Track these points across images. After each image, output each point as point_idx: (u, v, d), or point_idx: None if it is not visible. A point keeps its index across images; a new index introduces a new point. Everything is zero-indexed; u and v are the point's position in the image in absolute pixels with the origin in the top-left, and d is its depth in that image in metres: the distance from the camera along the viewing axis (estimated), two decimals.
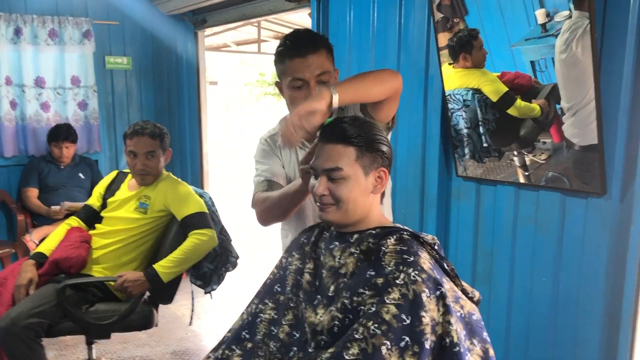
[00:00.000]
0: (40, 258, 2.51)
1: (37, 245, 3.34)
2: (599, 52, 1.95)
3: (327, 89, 1.44)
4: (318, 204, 1.37)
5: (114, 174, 2.84)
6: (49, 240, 2.63)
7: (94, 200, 2.77)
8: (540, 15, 2.11)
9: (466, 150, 2.48)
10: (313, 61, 1.62)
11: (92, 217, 2.73)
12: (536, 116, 2.19)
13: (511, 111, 2.27)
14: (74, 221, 2.72)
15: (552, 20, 2.07)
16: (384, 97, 1.61)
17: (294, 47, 1.64)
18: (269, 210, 1.72)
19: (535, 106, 2.19)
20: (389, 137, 1.71)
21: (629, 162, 1.95)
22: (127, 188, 2.69)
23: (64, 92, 4.32)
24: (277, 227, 1.92)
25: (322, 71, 1.63)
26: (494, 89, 2.31)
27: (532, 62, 2.18)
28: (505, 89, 2.28)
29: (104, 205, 2.72)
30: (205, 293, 2.84)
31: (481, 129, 2.38)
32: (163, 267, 2.44)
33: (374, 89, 1.58)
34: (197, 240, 2.49)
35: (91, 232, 2.66)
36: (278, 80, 1.74)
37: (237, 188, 10.27)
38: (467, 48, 2.37)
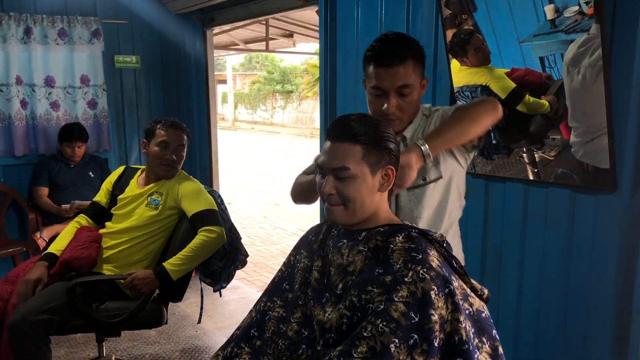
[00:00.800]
0: (50, 259, 2.53)
1: (47, 243, 3.37)
2: (609, 46, 1.94)
3: (418, 147, 1.52)
4: (325, 203, 1.37)
5: (121, 169, 2.85)
6: (59, 240, 2.64)
7: (101, 197, 2.78)
8: (549, 11, 2.09)
9: None
10: (396, 73, 1.62)
11: (99, 214, 2.75)
12: (545, 112, 2.18)
13: (520, 107, 2.25)
14: (82, 219, 2.73)
15: (561, 16, 2.05)
16: (483, 134, 1.64)
17: (380, 55, 1.63)
18: (296, 190, 1.80)
19: (544, 102, 2.18)
20: (471, 155, 1.78)
21: None
22: (137, 185, 2.70)
23: (73, 91, 4.34)
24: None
25: (403, 84, 1.63)
26: (501, 86, 2.30)
27: (541, 58, 2.16)
28: (513, 85, 2.26)
29: (113, 202, 2.73)
30: (215, 291, 2.85)
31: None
32: (172, 264, 2.45)
33: (470, 132, 1.62)
34: (205, 237, 2.50)
35: (102, 231, 2.67)
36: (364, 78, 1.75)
37: (244, 187, 10.31)
38: (462, 52, 2.38)
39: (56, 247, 2.59)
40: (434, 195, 1.74)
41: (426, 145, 1.53)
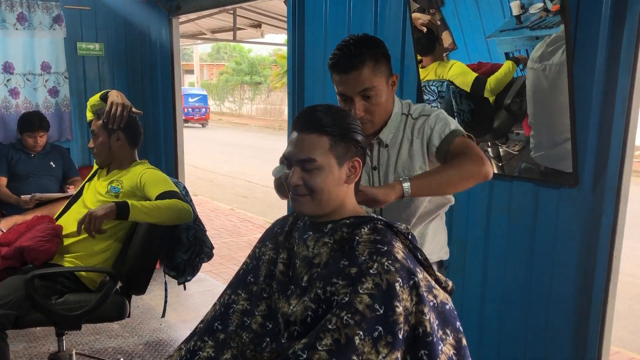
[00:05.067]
0: None
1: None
2: (572, 43, 1.97)
3: (400, 185, 1.51)
4: (291, 194, 1.36)
5: (95, 167, 2.80)
6: None
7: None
8: (515, 7, 2.12)
9: None
10: (355, 78, 1.63)
11: None
12: (511, 72, 2.19)
13: (487, 95, 2.27)
14: None
15: (526, 12, 2.08)
16: (471, 185, 1.63)
17: (338, 62, 1.65)
18: (274, 185, 1.79)
19: (506, 66, 2.19)
20: None
21: (601, 153, 1.98)
22: (100, 175, 2.67)
23: (34, 78, 4.22)
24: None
25: (364, 87, 1.64)
26: (463, 80, 2.32)
27: (507, 54, 2.19)
28: (474, 75, 2.29)
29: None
30: (179, 284, 2.81)
31: (456, 120, 2.39)
32: (136, 204, 2.31)
33: (456, 186, 1.61)
34: (178, 202, 2.38)
35: (61, 220, 2.61)
36: None
37: (211, 179, 10.23)
38: (430, 51, 2.41)
39: None
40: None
41: (409, 184, 1.52)
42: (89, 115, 2.73)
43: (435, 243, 1.83)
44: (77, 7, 4.37)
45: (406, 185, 1.51)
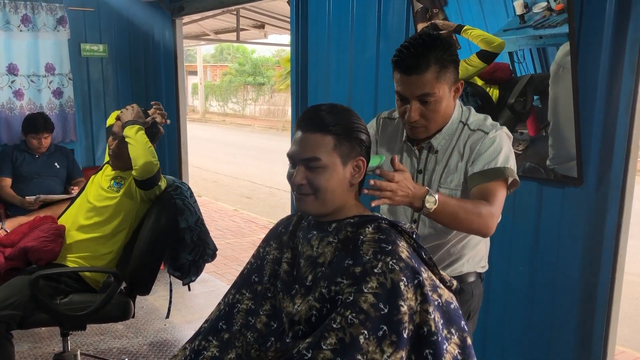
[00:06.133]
0: None
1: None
2: (577, 42, 1.97)
3: (425, 192, 1.41)
4: (295, 193, 1.36)
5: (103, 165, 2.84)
6: None
7: None
8: (518, 6, 2.11)
9: None
10: (416, 81, 1.55)
11: None
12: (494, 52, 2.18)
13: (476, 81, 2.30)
14: None
15: (530, 12, 2.08)
16: (467, 232, 1.60)
17: (402, 61, 1.57)
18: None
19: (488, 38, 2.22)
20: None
21: (605, 152, 1.97)
22: (105, 171, 2.69)
23: (38, 79, 4.23)
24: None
25: (424, 92, 1.56)
26: (469, 74, 2.33)
27: (510, 53, 2.19)
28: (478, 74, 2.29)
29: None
30: (184, 284, 2.82)
31: None
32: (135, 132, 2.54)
33: (462, 225, 1.53)
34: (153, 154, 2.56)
35: (64, 215, 2.64)
36: None
37: (214, 179, 10.24)
38: None
39: None
40: None
41: (434, 201, 1.42)
42: (110, 121, 2.75)
43: (475, 252, 1.76)
44: (80, 9, 4.38)
45: (430, 201, 1.42)
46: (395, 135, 1.79)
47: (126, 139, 2.53)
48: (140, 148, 2.51)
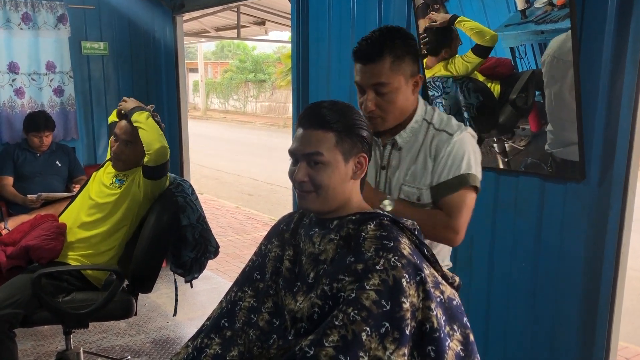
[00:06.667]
0: None
1: None
2: (579, 33, 1.96)
3: (383, 197, 1.60)
4: (297, 190, 1.36)
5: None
6: None
7: None
8: (519, 1, 2.11)
9: None
10: (371, 70, 1.58)
11: None
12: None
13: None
14: None
15: (531, 7, 2.07)
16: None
17: (359, 51, 1.61)
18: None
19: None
20: None
21: (608, 147, 1.97)
22: (107, 169, 2.70)
23: (39, 77, 4.22)
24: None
25: (378, 82, 1.58)
26: (469, 70, 2.32)
27: (512, 49, 2.18)
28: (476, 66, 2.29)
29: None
30: (186, 282, 2.82)
31: (465, 115, 2.38)
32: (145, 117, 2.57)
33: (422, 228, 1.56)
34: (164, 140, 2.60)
35: (66, 211, 2.64)
36: None
37: (216, 177, 10.24)
38: (447, 44, 2.38)
39: None
40: None
41: (391, 202, 1.58)
42: (112, 118, 2.75)
43: (436, 252, 1.76)
44: (81, 7, 4.37)
45: (389, 200, 1.58)
46: None
47: (136, 124, 2.53)
48: (153, 132, 2.53)
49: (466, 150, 1.63)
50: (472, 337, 1.29)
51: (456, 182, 1.61)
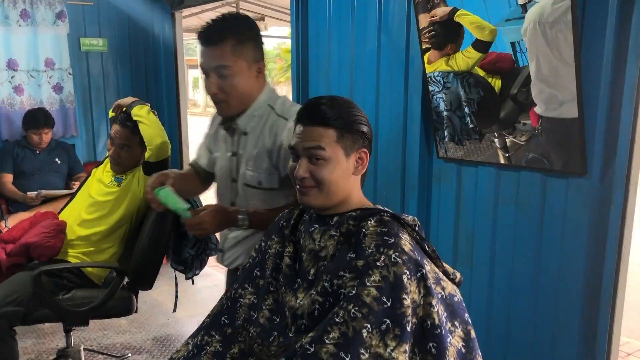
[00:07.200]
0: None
1: None
2: (580, 26, 1.94)
3: (237, 217, 1.65)
4: (298, 186, 1.35)
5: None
6: None
7: None
8: None
9: (446, 133, 2.47)
10: (213, 53, 1.62)
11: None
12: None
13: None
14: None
15: (532, 1, 2.05)
16: None
17: (201, 34, 1.64)
18: None
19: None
20: None
21: (610, 142, 1.96)
22: (106, 167, 2.70)
23: (37, 74, 4.22)
24: None
25: (218, 64, 1.62)
26: (469, 66, 2.30)
27: (513, 43, 2.16)
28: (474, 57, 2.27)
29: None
30: (187, 278, 2.81)
31: (466, 110, 2.36)
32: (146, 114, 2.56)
33: None
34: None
35: (66, 209, 2.64)
36: None
37: None
38: (454, 37, 2.35)
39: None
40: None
41: (245, 216, 1.66)
42: (112, 113, 2.75)
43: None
44: (79, 3, 4.36)
45: (242, 215, 1.65)
46: (217, 120, 1.87)
47: (136, 118, 2.52)
48: (155, 127, 2.52)
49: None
50: (473, 334, 1.28)
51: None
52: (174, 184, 1.74)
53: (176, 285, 2.80)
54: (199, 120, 20.31)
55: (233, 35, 1.61)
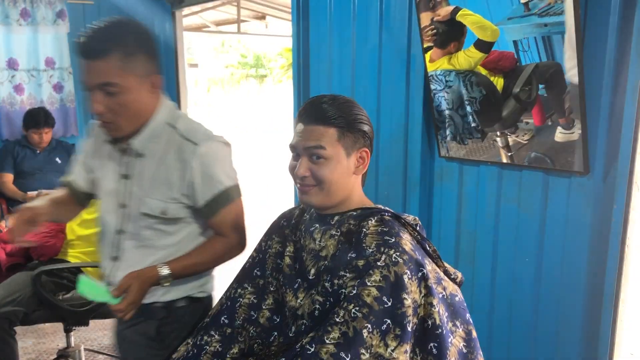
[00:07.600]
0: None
1: None
2: (582, 25, 1.93)
3: (157, 273, 1.46)
4: (298, 185, 1.34)
5: None
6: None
7: None
8: None
9: (447, 132, 2.46)
10: (95, 68, 1.40)
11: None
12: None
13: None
14: None
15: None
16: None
17: (81, 47, 1.42)
18: None
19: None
20: None
21: (612, 141, 1.95)
22: None
23: (38, 74, 4.21)
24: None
25: (104, 81, 1.40)
26: (472, 65, 2.29)
27: (515, 42, 2.15)
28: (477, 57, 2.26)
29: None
30: None
31: (468, 108, 2.35)
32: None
33: (211, 267, 1.61)
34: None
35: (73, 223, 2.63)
36: None
37: None
38: (458, 36, 2.34)
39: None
40: None
41: (168, 272, 1.47)
42: None
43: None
44: (80, 2, 4.35)
45: (165, 272, 1.46)
46: (100, 137, 1.61)
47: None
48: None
49: (218, 162, 1.52)
50: (474, 333, 1.27)
51: (221, 200, 1.52)
52: (47, 216, 1.59)
53: None
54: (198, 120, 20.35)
55: (119, 48, 1.39)
